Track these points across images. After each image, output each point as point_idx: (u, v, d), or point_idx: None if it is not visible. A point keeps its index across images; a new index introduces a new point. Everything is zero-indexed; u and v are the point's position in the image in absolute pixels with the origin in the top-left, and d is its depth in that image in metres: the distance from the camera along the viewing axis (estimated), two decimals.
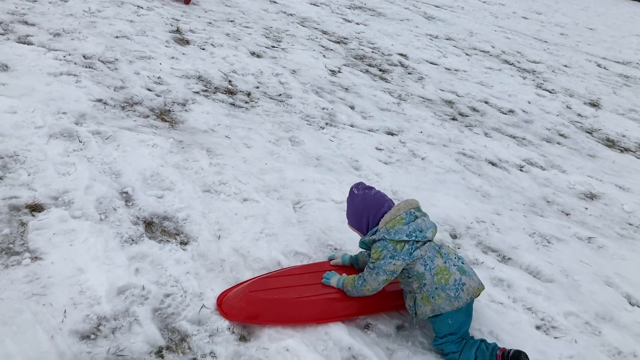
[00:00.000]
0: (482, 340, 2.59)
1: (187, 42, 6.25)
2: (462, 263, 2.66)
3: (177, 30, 6.56)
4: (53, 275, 2.54)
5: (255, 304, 2.55)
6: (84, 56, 5.03)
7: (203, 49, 6.15)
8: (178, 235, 3.06)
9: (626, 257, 3.83)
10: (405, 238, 2.55)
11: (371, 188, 2.80)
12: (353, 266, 2.97)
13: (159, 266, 2.77)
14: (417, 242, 2.58)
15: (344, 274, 2.79)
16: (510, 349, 2.51)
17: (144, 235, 2.97)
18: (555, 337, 2.92)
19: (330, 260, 3.04)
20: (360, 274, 2.70)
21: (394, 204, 2.74)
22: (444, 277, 2.56)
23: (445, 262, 2.59)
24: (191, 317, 2.52)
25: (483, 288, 2.66)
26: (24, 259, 2.59)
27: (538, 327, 2.99)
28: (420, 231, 2.59)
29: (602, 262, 3.73)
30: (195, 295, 2.65)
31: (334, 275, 2.81)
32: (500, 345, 2.73)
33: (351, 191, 2.82)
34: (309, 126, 4.94)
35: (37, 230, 2.79)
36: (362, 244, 2.76)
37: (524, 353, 2.48)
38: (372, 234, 2.64)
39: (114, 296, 2.51)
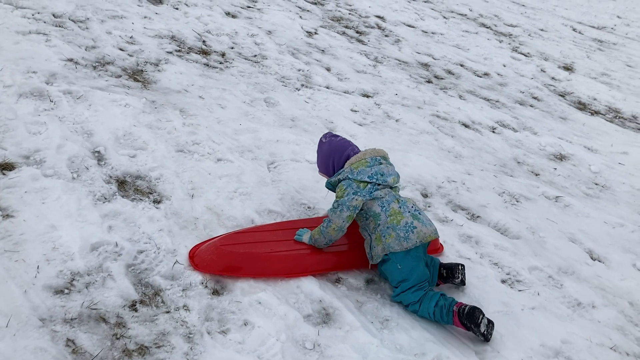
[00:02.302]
0: (442, 295, 2.68)
1: (160, 2, 6.12)
2: (419, 213, 2.78)
3: None
4: (25, 232, 2.56)
5: (226, 257, 2.61)
6: (53, 15, 4.91)
7: (177, 9, 6.04)
8: (151, 193, 3.07)
9: (590, 215, 3.96)
10: (367, 179, 2.73)
11: (337, 136, 3.00)
12: None
13: (132, 224, 2.80)
14: (378, 184, 2.74)
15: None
16: (466, 305, 2.58)
17: (117, 193, 2.98)
18: (519, 290, 3.04)
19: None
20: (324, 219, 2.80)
21: (359, 149, 2.93)
22: (397, 218, 2.68)
23: (400, 207, 2.73)
24: (164, 272, 2.57)
25: (436, 236, 2.76)
26: None
27: (503, 281, 3.10)
28: (382, 175, 2.76)
29: (567, 220, 3.85)
30: (168, 251, 2.69)
31: (306, 232, 2.87)
32: (463, 298, 2.84)
33: (320, 140, 3.04)
34: (285, 87, 4.93)
35: (8, 188, 2.78)
36: (328, 184, 2.92)
37: (479, 309, 2.57)
38: (338, 175, 2.83)
39: (87, 252, 2.54)
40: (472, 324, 2.53)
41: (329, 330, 2.49)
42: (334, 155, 2.90)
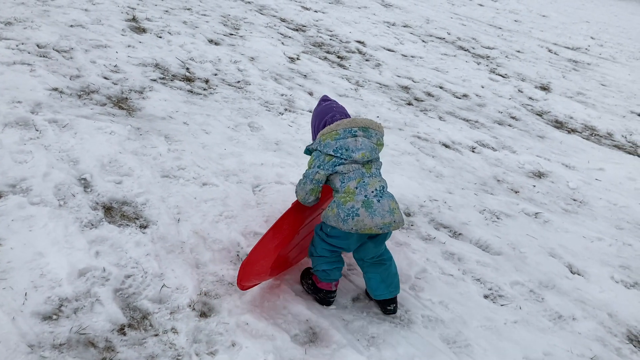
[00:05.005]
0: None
1: (144, 31, 6.22)
2: (377, 200, 2.56)
3: (134, 19, 6.51)
4: (12, 260, 2.58)
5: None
6: (37, 45, 4.97)
7: (160, 37, 6.14)
8: (137, 219, 3.11)
9: (569, 230, 4.06)
10: (332, 153, 2.61)
11: (328, 100, 2.93)
12: None
13: (119, 249, 2.83)
14: (343, 159, 2.60)
15: None
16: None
17: (104, 219, 3.02)
18: (502, 305, 3.10)
19: None
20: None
21: (343, 116, 2.79)
22: (346, 198, 2.57)
23: (357, 188, 2.57)
24: (152, 296, 2.60)
25: (380, 231, 2.57)
26: None
27: (486, 296, 3.16)
28: (347, 150, 2.59)
29: (547, 235, 3.94)
30: (155, 275, 2.72)
31: None
32: (446, 313, 2.89)
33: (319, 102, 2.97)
34: (268, 112, 5.01)
35: None
36: (307, 151, 2.80)
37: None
38: (312, 144, 2.75)
39: (75, 278, 2.56)
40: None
41: (316, 349, 2.53)
42: (316, 121, 2.87)
